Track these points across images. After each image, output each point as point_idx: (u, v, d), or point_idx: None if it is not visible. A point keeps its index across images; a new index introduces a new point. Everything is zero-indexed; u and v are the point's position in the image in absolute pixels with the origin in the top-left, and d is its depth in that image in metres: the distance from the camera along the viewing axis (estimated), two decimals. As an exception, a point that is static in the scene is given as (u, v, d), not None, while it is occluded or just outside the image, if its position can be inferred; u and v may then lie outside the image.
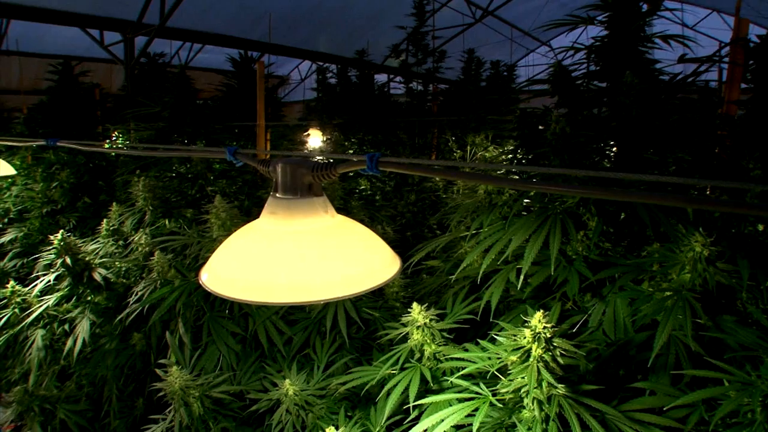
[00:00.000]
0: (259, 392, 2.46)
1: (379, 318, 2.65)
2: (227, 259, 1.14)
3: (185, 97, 3.25)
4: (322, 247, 1.11)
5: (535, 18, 11.19)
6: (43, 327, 3.10)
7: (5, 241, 4.38)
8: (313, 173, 1.13)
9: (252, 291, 1.07)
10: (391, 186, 4.33)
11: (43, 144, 2.03)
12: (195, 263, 2.54)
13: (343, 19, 9.45)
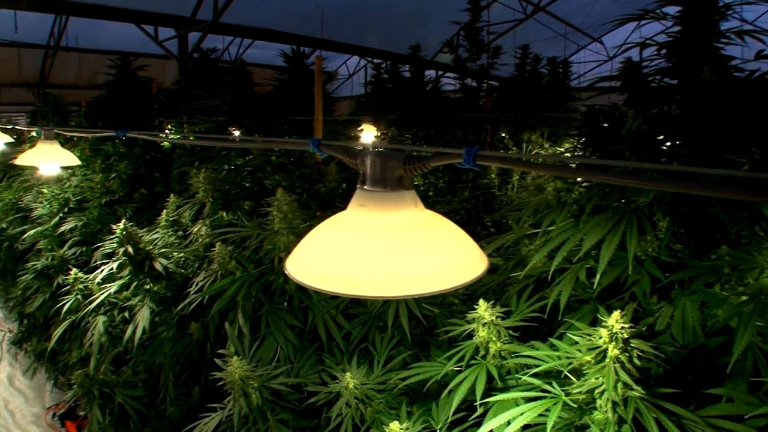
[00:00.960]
0: (317, 385, 2.46)
1: (438, 314, 2.62)
2: (314, 250, 1.12)
3: (244, 91, 3.28)
4: (413, 241, 1.09)
5: (587, 14, 10.99)
6: (104, 314, 3.17)
7: (65, 230, 4.51)
8: (404, 166, 1.10)
9: (341, 283, 1.05)
10: (445, 182, 4.30)
11: (113, 135, 2.05)
12: (255, 255, 2.56)
13: (391, 15, 9.45)
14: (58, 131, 3.30)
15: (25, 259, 5.84)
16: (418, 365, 2.32)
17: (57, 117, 6.48)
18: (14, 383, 6.87)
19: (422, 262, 1.08)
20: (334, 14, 8.38)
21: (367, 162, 1.12)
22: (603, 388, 1.70)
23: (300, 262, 1.12)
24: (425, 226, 1.13)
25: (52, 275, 4.61)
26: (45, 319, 5.19)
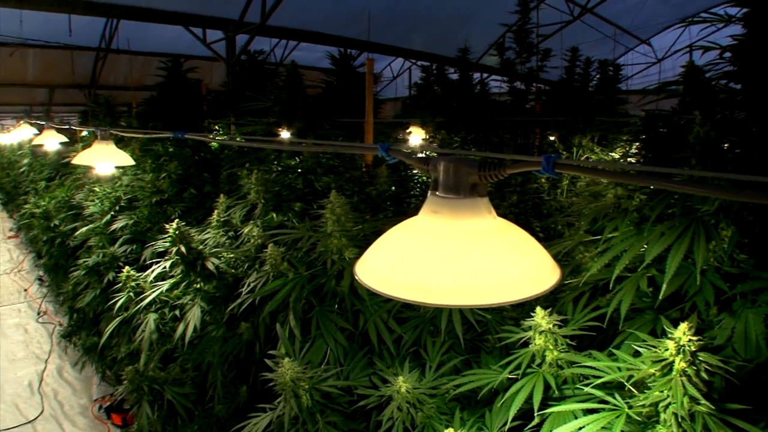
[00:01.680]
0: (367, 388, 2.44)
1: (490, 320, 2.59)
2: (386, 256, 1.11)
3: (296, 93, 3.30)
4: (487, 249, 1.06)
5: (635, 15, 10.76)
6: (155, 311, 3.22)
7: (117, 228, 4.60)
8: (479, 173, 1.08)
9: (413, 290, 1.04)
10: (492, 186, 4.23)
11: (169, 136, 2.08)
12: (307, 257, 2.56)
13: (436, 17, 9.42)
14: (114, 132, 3.37)
15: (76, 255, 5.99)
16: (471, 372, 2.29)
17: (108, 117, 6.64)
18: (63, 375, 7.04)
19: (497, 271, 1.05)
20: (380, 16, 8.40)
21: (441, 168, 1.10)
22: (668, 402, 1.64)
23: (370, 266, 1.11)
24: (499, 234, 1.11)
25: (103, 272, 4.70)
26: (94, 314, 5.31)
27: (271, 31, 7.77)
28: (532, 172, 1.15)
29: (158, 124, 4.76)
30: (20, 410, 6.22)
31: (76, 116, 15.05)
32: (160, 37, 10.28)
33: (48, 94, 13.97)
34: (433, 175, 1.14)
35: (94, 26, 9.87)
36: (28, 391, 6.65)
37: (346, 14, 8.49)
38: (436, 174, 1.12)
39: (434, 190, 1.13)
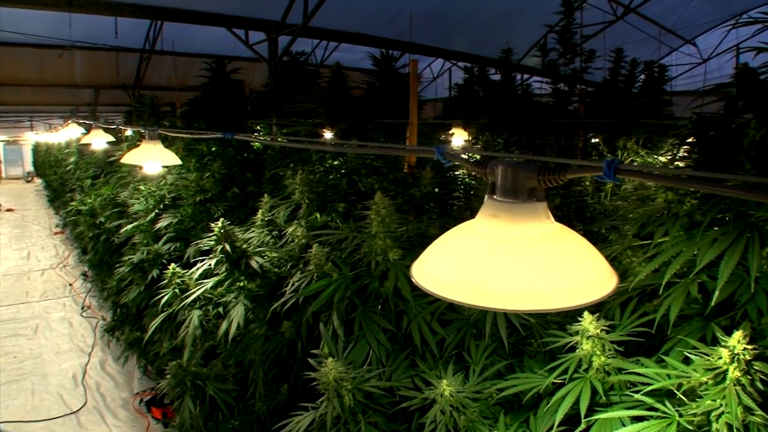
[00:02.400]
0: (409, 390, 2.45)
1: (534, 324, 2.56)
2: (443, 259, 1.11)
3: (341, 94, 3.32)
4: (546, 255, 1.06)
5: (680, 15, 10.52)
6: (199, 308, 3.27)
7: (161, 226, 4.70)
8: (538, 177, 1.07)
9: (472, 294, 1.04)
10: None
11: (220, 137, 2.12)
12: (350, 258, 2.57)
13: (477, 18, 9.37)
14: (162, 131, 3.44)
15: (121, 251, 6.14)
16: (516, 376, 2.27)
17: (153, 117, 6.78)
18: (105, 368, 7.22)
19: (556, 276, 1.05)
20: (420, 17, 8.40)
21: (499, 172, 1.10)
22: (721, 411, 1.61)
23: (427, 269, 1.11)
24: (558, 239, 1.10)
25: (147, 269, 4.80)
26: (137, 309, 5.43)
27: (313, 32, 7.83)
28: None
29: (202, 124, 4.84)
30: (65, 401, 6.40)
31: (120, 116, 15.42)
32: (202, 38, 10.46)
33: (93, 94, 14.34)
34: (490, 178, 1.13)
35: (138, 28, 10.09)
36: (72, 382, 6.85)
37: (387, 15, 8.51)
38: (494, 178, 1.12)
39: (492, 194, 1.13)
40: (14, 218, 19.67)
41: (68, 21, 9.08)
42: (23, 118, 26.24)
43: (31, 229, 17.32)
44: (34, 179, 32.32)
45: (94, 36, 9.89)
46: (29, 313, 9.43)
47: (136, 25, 9.82)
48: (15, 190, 29.07)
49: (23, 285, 11.16)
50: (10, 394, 6.58)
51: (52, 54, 10.98)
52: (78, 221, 8.28)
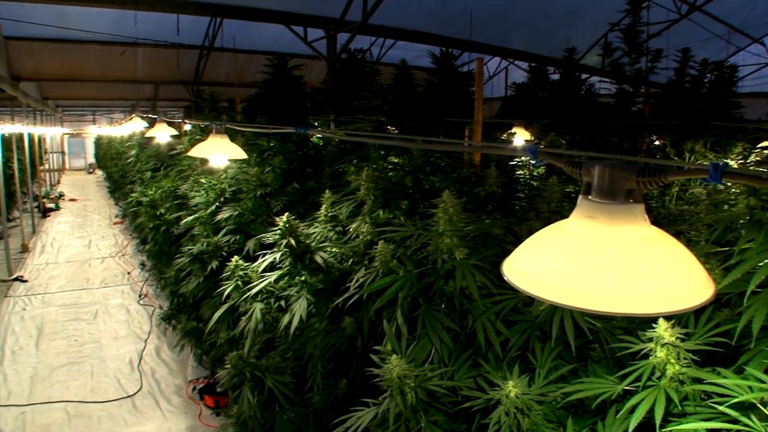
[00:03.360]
0: (472, 390, 2.42)
1: (600, 329, 2.50)
2: (537, 257, 1.09)
3: (406, 92, 3.31)
4: (644, 258, 1.03)
5: (747, 13, 10.11)
6: (261, 301, 3.32)
7: (221, 219, 4.78)
8: (637, 179, 1.04)
9: (566, 294, 1.02)
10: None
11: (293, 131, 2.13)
12: (415, 255, 2.56)
13: (537, 16, 9.23)
14: (230, 126, 3.50)
15: (180, 242, 6.28)
16: (582, 380, 2.22)
17: (213, 112, 6.91)
18: (161, 355, 7.41)
19: (653, 281, 1.02)
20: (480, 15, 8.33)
21: (596, 172, 1.07)
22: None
23: (521, 267, 1.09)
24: (655, 243, 1.07)
25: (206, 260, 4.89)
26: (194, 299, 5.54)
27: (372, 29, 7.84)
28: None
29: (263, 120, 4.90)
30: (121, 384, 6.60)
31: (178, 111, 15.83)
32: (259, 35, 10.60)
33: (153, 89, 14.76)
34: (585, 178, 1.11)
35: (198, 25, 10.30)
36: (129, 367, 7.05)
37: (447, 13, 8.46)
38: (590, 178, 1.09)
39: (586, 194, 1.10)
40: (77, 208, 20.41)
41: (133, 18, 9.36)
42: (86, 113, 27.29)
43: (92, 219, 17.94)
44: (96, 171, 33.52)
45: (156, 33, 10.16)
46: (89, 299, 9.77)
47: (196, 22, 10.03)
48: (78, 181, 30.19)
49: (84, 272, 11.57)
50: (71, 375, 6.83)
51: (115, 51, 11.34)
52: (138, 212, 8.50)
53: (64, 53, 11.36)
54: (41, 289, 10.41)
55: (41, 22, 9.36)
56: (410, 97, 3.33)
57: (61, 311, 9.17)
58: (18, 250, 13.00)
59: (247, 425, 3.40)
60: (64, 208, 20.04)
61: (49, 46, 10.85)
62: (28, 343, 7.87)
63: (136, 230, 11.63)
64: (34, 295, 10.00)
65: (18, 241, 13.48)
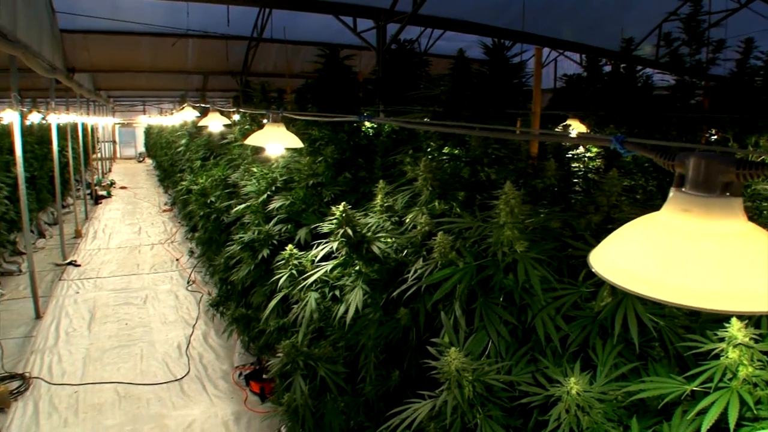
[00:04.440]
0: (530, 385, 2.38)
1: (663, 327, 2.43)
2: (627, 249, 1.06)
3: (464, 82, 3.27)
4: (744, 254, 0.98)
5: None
6: (316, 290, 3.33)
7: (272, 208, 4.82)
8: (737, 171, 0.99)
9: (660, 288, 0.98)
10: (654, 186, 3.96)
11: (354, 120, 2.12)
12: (474, 247, 2.53)
13: (588, 7, 9.02)
14: (287, 114, 3.52)
15: (229, 231, 6.37)
16: (646, 380, 2.16)
17: (264, 102, 6.97)
18: (208, 340, 7.56)
19: (752, 277, 0.97)
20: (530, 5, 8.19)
21: (691, 164, 1.03)
22: None
23: (609, 258, 1.06)
24: (753, 239, 1.02)
25: (257, 248, 4.94)
26: (243, 287, 5.61)
27: (422, 20, 7.79)
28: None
29: (314, 109, 4.92)
30: (169, 368, 6.76)
31: (226, 101, 16.08)
32: (306, 26, 10.63)
33: (202, 80, 15.00)
34: (679, 170, 1.07)
35: (246, 16, 10.40)
36: (177, 352, 7.22)
37: (495, 4, 8.34)
38: (684, 170, 1.05)
39: (679, 187, 1.06)
40: (127, 195, 20.97)
41: (184, 10, 9.52)
42: (137, 103, 27.96)
43: (142, 206, 18.39)
44: (145, 159, 34.38)
45: (206, 24, 10.31)
46: (139, 284, 10.02)
47: (245, 14, 10.13)
48: (128, 169, 30.99)
49: (135, 258, 11.88)
50: (122, 357, 7.02)
51: (166, 42, 11.55)
52: (188, 200, 8.65)
53: (116, 45, 11.64)
54: (93, 273, 10.73)
55: (95, 14, 9.61)
56: (467, 88, 3.29)
57: (112, 295, 9.44)
58: (71, 236, 13.42)
59: (298, 413, 3.42)
60: (115, 196, 20.61)
61: (102, 38, 11.13)
62: (81, 325, 8.13)
63: (185, 218, 11.87)
64: (87, 279, 10.32)
65: (71, 227, 13.91)
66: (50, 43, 9.35)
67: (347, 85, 5.04)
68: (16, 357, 7.03)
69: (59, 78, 10.55)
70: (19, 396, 6.05)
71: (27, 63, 7.41)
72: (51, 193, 13.98)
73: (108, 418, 5.68)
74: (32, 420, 5.62)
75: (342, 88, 4.97)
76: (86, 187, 18.57)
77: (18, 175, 8.04)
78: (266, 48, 11.86)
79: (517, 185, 2.88)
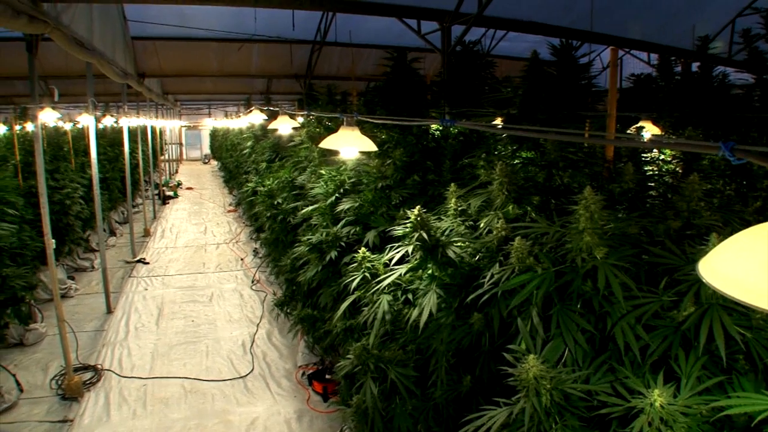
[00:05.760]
0: (609, 395, 2.33)
1: (750, 339, 2.33)
2: (743, 259, 1.02)
3: (538, 84, 3.22)
4: None
5: None
6: (388, 293, 3.35)
7: (341, 210, 4.88)
8: None
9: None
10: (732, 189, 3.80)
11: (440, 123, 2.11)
12: (552, 253, 2.49)
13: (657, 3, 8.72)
14: (362, 118, 3.55)
15: (296, 232, 6.47)
16: (732, 395, 2.08)
17: (330, 105, 7.05)
18: (272, 339, 7.70)
19: None
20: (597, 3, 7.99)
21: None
22: None
23: (722, 268, 1.02)
24: None
25: (325, 249, 5.00)
26: (309, 287, 5.68)
27: (488, 21, 7.70)
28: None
29: (382, 112, 4.94)
30: (234, 365, 6.92)
31: (288, 104, 16.36)
32: (367, 28, 10.68)
33: (266, 83, 15.31)
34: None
35: (309, 20, 10.54)
36: (241, 349, 7.38)
37: (560, 3, 8.17)
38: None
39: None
40: (193, 196, 21.63)
41: (249, 15, 9.73)
42: (202, 106, 28.80)
43: (207, 207, 18.93)
44: (211, 161, 35.41)
45: (270, 29, 10.51)
46: (205, 283, 10.31)
47: (308, 18, 10.27)
48: (194, 170, 31.99)
49: (201, 256, 12.23)
50: (188, 353, 7.24)
51: (232, 47, 11.85)
52: (254, 201, 8.83)
53: (184, 50, 12.02)
54: (161, 271, 11.11)
55: (164, 22, 9.96)
56: (542, 90, 3.24)
57: (179, 293, 9.75)
58: (140, 234, 13.93)
59: (367, 415, 3.45)
60: (181, 196, 21.29)
61: (170, 44, 11.52)
62: (149, 321, 8.44)
63: (250, 219, 12.14)
64: (155, 277, 10.69)
65: (140, 226, 14.45)
66: (123, 50, 9.76)
67: (415, 87, 5.04)
68: (89, 349, 7.36)
69: (131, 83, 10.99)
70: (91, 387, 6.33)
71: (102, 69, 7.75)
72: (122, 193, 14.57)
73: (174, 411, 5.87)
74: (103, 410, 5.87)
75: (410, 90, 4.98)
76: (154, 188, 19.26)
77: (93, 176, 8.40)
78: (329, 51, 12.00)
79: (593, 190, 2.82)
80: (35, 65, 5.68)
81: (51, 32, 5.15)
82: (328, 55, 12.21)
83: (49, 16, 5.09)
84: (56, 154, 9.88)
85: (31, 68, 5.67)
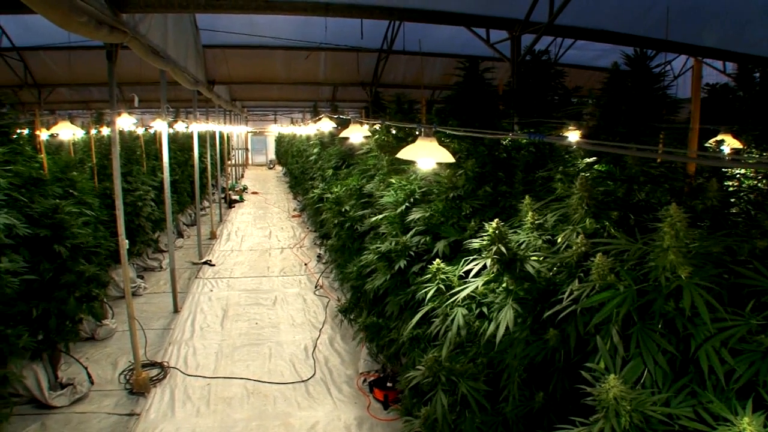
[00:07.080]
0: (690, 420, 2.27)
1: None
2: None
3: (619, 96, 3.17)
4: None
5: None
6: (463, 306, 3.36)
7: (410, 219, 4.91)
8: None
9: None
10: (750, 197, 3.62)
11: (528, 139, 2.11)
12: (634, 271, 2.45)
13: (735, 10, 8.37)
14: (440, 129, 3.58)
15: (363, 239, 6.53)
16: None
17: (399, 114, 7.10)
18: (334, 345, 7.77)
19: None
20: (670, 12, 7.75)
21: None
22: None
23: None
24: None
25: (394, 258, 5.03)
26: (375, 295, 5.72)
27: (558, 30, 7.58)
28: None
29: (454, 122, 4.96)
30: (296, 369, 7.02)
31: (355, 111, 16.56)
32: (433, 37, 10.66)
33: (332, 90, 15.55)
34: None
35: (376, 29, 10.64)
36: (304, 354, 7.48)
37: (633, 11, 7.96)
38: None
39: None
40: (258, 200, 22.15)
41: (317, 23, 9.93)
42: (269, 113, 29.51)
43: (272, 211, 19.34)
44: (276, 167, 36.18)
45: (338, 37, 10.67)
46: (269, 286, 10.52)
47: (375, 26, 10.36)
48: (259, 175, 32.74)
49: (265, 260, 12.49)
50: (251, 356, 7.40)
51: (300, 55, 12.10)
52: (321, 208, 8.96)
53: (252, 58, 12.34)
54: (226, 273, 11.41)
55: (233, 30, 10.26)
56: (622, 102, 3.18)
57: (244, 295, 9.98)
58: (207, 237, 14.36)
59: (436, 427, 3.46)
60: (247, 201, 21.83)
61: (239, 52, 11.86)
62: (214, 322, 8.68)
63: (314, 224, 12.31)
64: (221, 279, 10.98)
65: (207, 229, 14.89)
66: (194, 58, 10.12)
67: (486, 97, 5.03)
68: (156, 347, 7.63)
69: (201, 90, 11.37)
70: (157, 383, 6.57)
71: (174, 77, 8.06)
72: (190, 196, 15.05)
73: (237, 411, 6.01)
74: (168, 406, 6.07)
75: (481, 100, 4.98)
76: (221, 192, 19.80)
77: (164, 180, 8.72)
78: (395, 59, 12.08)
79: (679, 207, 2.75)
80: (114, 73, 5.91)
81: (129, 41, 5.38)
82: (394, 63, 12.29)
83: (128, 26, 5.32)
84: (129, 158, 10.29)
85: (111, 76, 5.89)
